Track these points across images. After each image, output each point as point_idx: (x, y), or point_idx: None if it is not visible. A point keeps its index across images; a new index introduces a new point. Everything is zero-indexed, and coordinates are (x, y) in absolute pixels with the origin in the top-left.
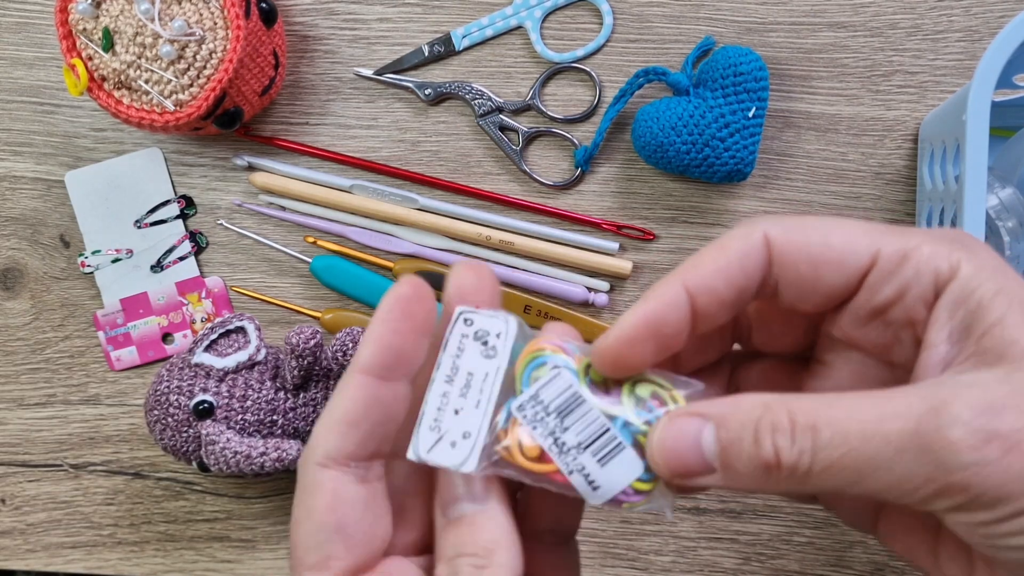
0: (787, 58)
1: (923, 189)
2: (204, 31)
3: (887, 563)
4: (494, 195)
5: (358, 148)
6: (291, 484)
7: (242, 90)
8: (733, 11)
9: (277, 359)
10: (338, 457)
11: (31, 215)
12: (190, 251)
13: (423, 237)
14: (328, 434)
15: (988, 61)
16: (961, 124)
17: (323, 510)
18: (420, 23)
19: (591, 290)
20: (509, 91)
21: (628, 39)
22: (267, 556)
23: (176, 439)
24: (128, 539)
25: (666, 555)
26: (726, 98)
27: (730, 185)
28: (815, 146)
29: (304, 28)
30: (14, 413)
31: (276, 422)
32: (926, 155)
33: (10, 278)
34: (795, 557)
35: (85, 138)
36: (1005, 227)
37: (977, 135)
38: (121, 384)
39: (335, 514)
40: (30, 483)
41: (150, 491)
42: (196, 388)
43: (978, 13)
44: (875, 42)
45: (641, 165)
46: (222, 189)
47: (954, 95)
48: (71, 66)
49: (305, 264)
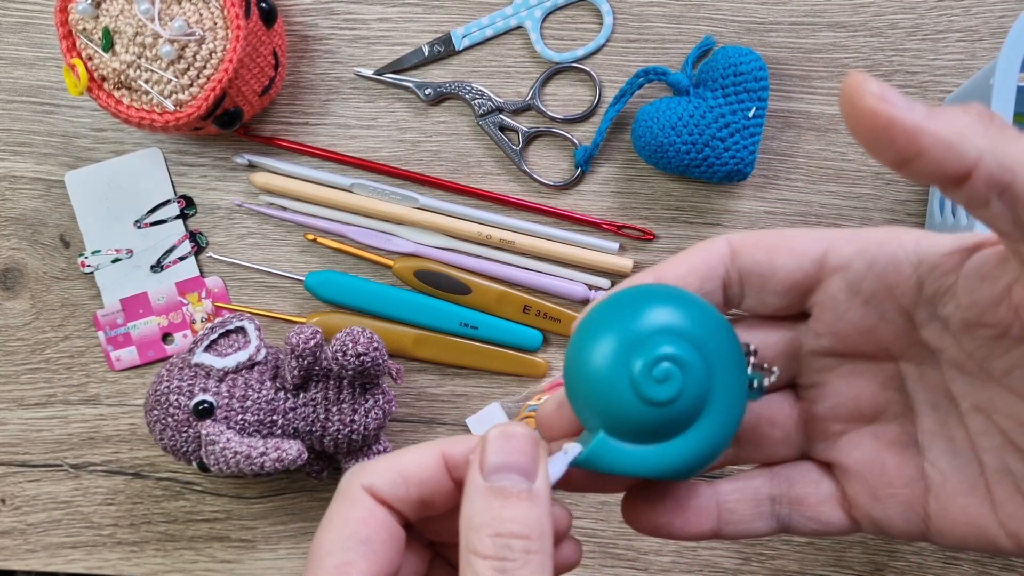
0: (787, 58)
1: None
2: (204, 31)
3: (887, 563)
4: (494, 195)
5: (358, 148)
6: (291, 484)
7: (242, 90)
8: (733, 11)
9: (277, 359)
10: (375, 494)
11: (31, 215)
12: (190, 251)
13: (423, 236)
14: (385, 473)
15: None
16: (988, 88)
17: (357, 521)
18: (420, 23)
19: (592, 288)
20: (509, 91)
21: (628, 39)
22: (267, 556)
23: (176, 439)
24: (128, 539)
25: (666, 555)
26: (726, 98)
27: (730, 185)
28: (815, 146)
29: (304, 28)
30: (14, 413)
31: (276, 422)
32: None
33: (10, 278)
34: (795, 557)
35: (85, 138)
36: None
37: (1006, 85)
38: (121, 384)
39: (366, 528)
40: (30, 483)
41: (150, 491)
42: (196, 388)
43: (978, 13)
44: (875, 42)
45: (641, 165)
46: (222, 189)
47: (978, 73)
48: (71, 66)
49: (300, 280)
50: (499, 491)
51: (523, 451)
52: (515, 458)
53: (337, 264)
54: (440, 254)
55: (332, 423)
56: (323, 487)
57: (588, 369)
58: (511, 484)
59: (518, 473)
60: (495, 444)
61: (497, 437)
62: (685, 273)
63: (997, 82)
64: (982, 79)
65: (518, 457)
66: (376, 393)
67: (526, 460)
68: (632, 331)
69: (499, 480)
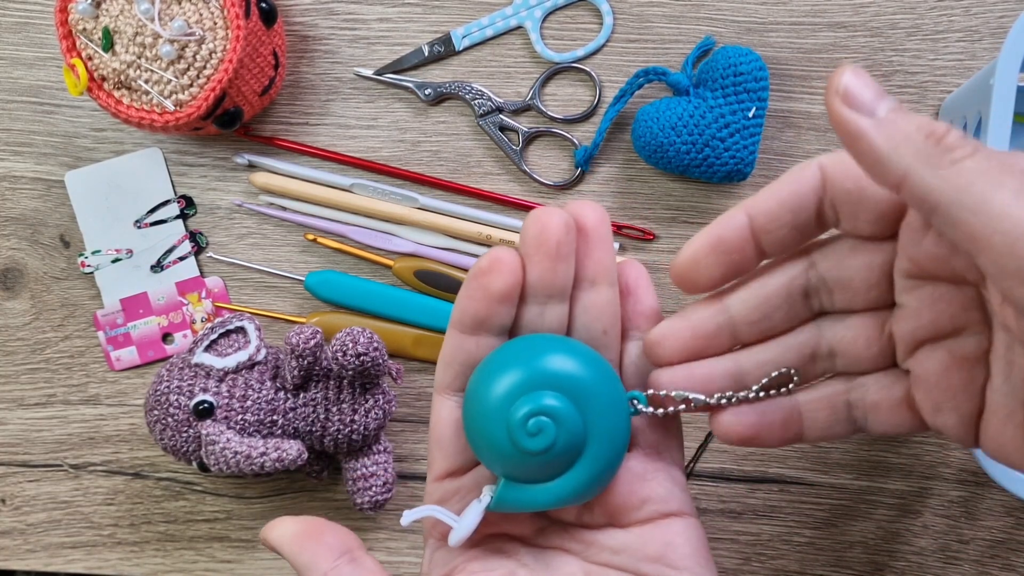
0: (787, 58)
1: None
2: (204, 31)
3: (887, 563)
4: (494, 195)
5: (358, 148)
6: (291, 484)
7: (242, 90)
8: (733, 11)
9: (277, 359)
10: (441, 389)
11: (31, 215)
12: (190, 251)
13: (423, 236)
14: (438, 370)
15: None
16: (988, 88)
17: (432, 426)
18: (420, 23)
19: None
20: (509, 91)
21: (628, 39)
22: (267, 556)
23: (176, 439)
24: (128, 539)
25: None
26: (726, 98)
27: (730, 185)
28: (815, 146)
29: (304, 28)
30: (14, 413)
31: (276, 422)
32: None
33: (10, 278)
34: (795, 557)
35: (85, 138)
36: None
37: (1006, 85)
38: (121, 384)
39: (436, 431)
40: (30, 483)
41: (150, 491)
42: (196, 388)
43: (978, 13)
44: (875, 42)
45: (641, 165)
46: (222, 189)
47: (978, 73)
48: (71, 66)
49: (300, 280)
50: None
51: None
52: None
53: (337, 264)
54: (440, 254)
55: (332, 423)
56: (323, 487)
57: (475, 420)
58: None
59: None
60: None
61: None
62: (776, 206)
63: (997, 82)
64: (982, 79)
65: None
66: (376, 393)
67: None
68: (510, 384)
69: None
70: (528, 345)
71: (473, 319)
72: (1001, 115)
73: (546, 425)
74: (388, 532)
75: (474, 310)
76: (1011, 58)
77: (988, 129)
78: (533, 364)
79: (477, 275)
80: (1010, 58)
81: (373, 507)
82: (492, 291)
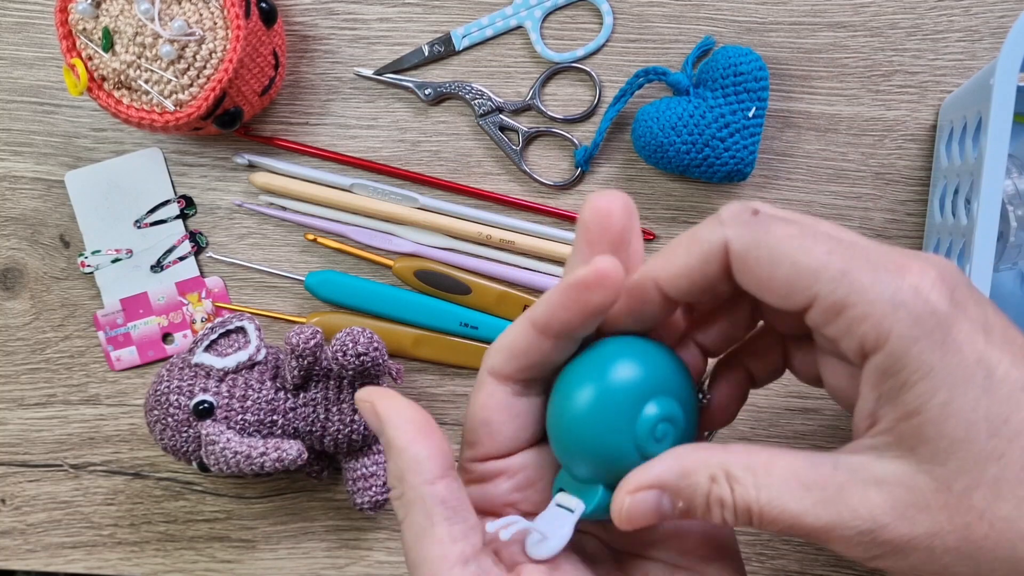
0: (787, 58)
1: (938, 168)
2: (204, 31)
3: None
4: (494, 195)
5: (358, 148)
6: (291, 484)
7: (242, 90)
8: (733, 11)
9: (277, 359)
10: (496, 374)
11: (31, 215)
12: (190, 251)
13: (423, 236)
14: (496, 354)
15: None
16: (988, 88)
17: (478, 406)
18: (420, 23)
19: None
20: (509, 91)
21: (628, 39)
22: (267, 556)
23: (176, 439)
24: (128, 539)
25: None
26: (726, 98)
27: (730, 185)
28: (815, 146)
29: (304, 28)
30: (14, 413)
31: (276, 422)
32: (944, 134)
33: (10, 278)
34: (795, 557)
35: (85, 138)
36: (1015, 214)
37: (1006, 85)
38: (121, 384)
39: (484, 411)
40: (30, 483)
41: (150, 491)
42: (196, 388)
43: (978, 13)
44: (875, 42)
45: (641, 165)
46: (222, 189)
47: (978, 73)
48: (71, 66)
49: (300, 280)
50: None
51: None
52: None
53: (337, 264)
54: (440, 254)
55: (332, 423)
56: (323, 487)
57: (589, 432)
58: None
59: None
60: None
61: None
62: (684, 280)
63: (997, 82)
64: (982, 79)
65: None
66: None
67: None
68: (634, 391)
69: None
70: (630, 349)
71: (561, 326)
72: (1001, 115)
73: (668, 431)
74: (388, 532)
75: (566, 319)
76: (1011, 58)
77: (988, 129)
78: (648, 370)
79: (579, 287)
80: (1010, 58)
81: (373, 507)
82: (591, 307)
